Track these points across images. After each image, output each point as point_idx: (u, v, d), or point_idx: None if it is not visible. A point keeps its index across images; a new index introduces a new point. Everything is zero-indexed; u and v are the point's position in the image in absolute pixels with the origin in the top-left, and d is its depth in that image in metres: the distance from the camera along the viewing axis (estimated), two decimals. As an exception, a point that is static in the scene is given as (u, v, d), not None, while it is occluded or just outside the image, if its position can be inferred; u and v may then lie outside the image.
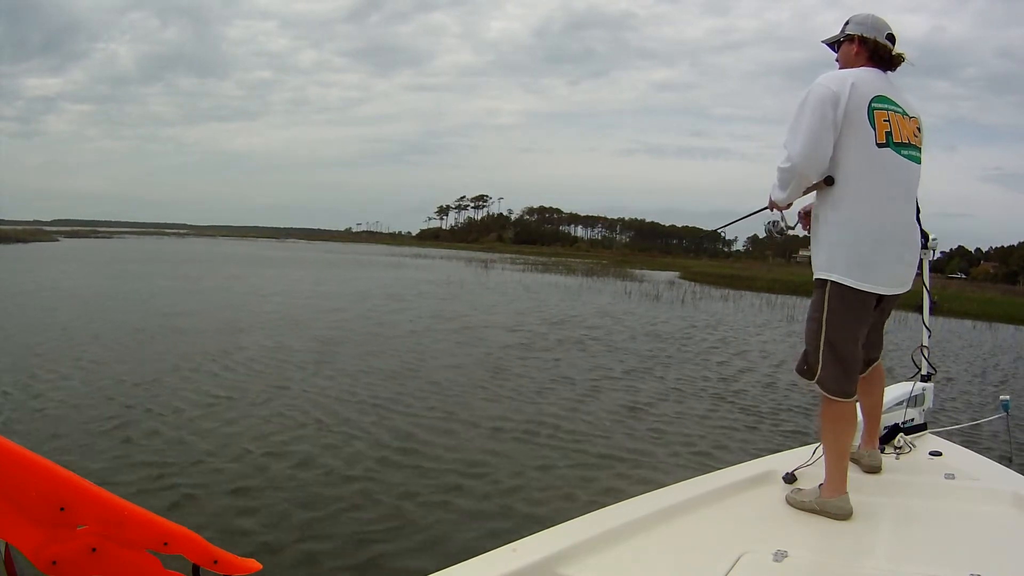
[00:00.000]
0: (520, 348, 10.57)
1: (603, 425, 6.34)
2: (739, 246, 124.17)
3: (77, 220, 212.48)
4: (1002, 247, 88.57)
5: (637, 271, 43.37)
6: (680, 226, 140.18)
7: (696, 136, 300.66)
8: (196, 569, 0.92)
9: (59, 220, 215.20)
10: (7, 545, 0.78)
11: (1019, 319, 23.53)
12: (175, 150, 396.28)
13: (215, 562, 0.92)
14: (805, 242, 2.41)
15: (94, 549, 0.82)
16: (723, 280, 34.95)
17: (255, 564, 0.96)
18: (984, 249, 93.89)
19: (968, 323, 21.35)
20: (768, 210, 2.42)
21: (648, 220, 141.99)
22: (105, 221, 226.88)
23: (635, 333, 13.26)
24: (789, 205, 2.34)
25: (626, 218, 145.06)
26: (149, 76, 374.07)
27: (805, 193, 2.26)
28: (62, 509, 0.79)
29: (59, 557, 0.79)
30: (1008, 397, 3.23)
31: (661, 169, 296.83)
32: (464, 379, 8.04)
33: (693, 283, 32.26)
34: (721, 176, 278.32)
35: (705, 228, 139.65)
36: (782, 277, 35.56)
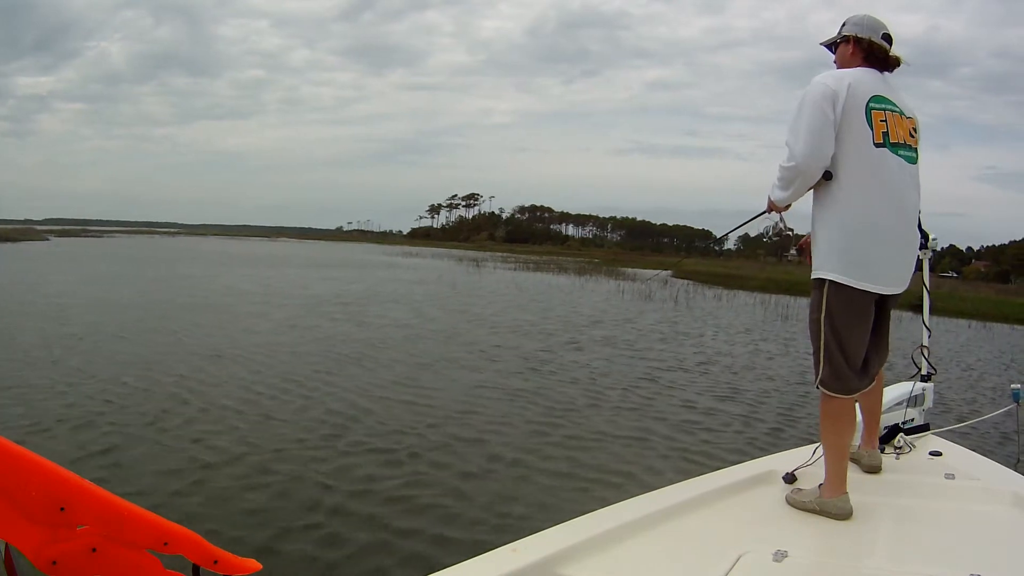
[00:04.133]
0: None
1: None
2: (730, 245, 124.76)
3: (69, 219, 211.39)
4: (993, 246, 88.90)
5: (629, 270, 43.20)
6: (671, 225, 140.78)
7: (691, 135, 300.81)
8: (196, 569, 0.92)
9: (51, 219, 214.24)
10: (7, 545, 0.77)
11: (1015, 319, 23.61)
12: (168, 149, 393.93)
13: (215, 562, 0.92)
14: (799, 240, 2.41)
15: (94, 549, 0.81)
16: (716, 279, 35.00)
17: (255, 564, 0.96)
18: (975, 248, 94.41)
19: (963, 322, 21.38)
20: (767, 213, 2.43)
21: (639, 219, 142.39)
22: (97, 220, 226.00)
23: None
24: (788, 206, 2.35)
25: (617, 217, 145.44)
26: (142, 75, 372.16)
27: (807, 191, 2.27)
28: (62, 509, 0.78)
29: (59, 557, 0.78)
30: (1019, 386, 3.15)
31: (655, 168, 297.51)
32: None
33: (687, 281, 32.23)
34: (715, 175, 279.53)
35: (696, 227, 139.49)
36: (775, 276, 35.67)
